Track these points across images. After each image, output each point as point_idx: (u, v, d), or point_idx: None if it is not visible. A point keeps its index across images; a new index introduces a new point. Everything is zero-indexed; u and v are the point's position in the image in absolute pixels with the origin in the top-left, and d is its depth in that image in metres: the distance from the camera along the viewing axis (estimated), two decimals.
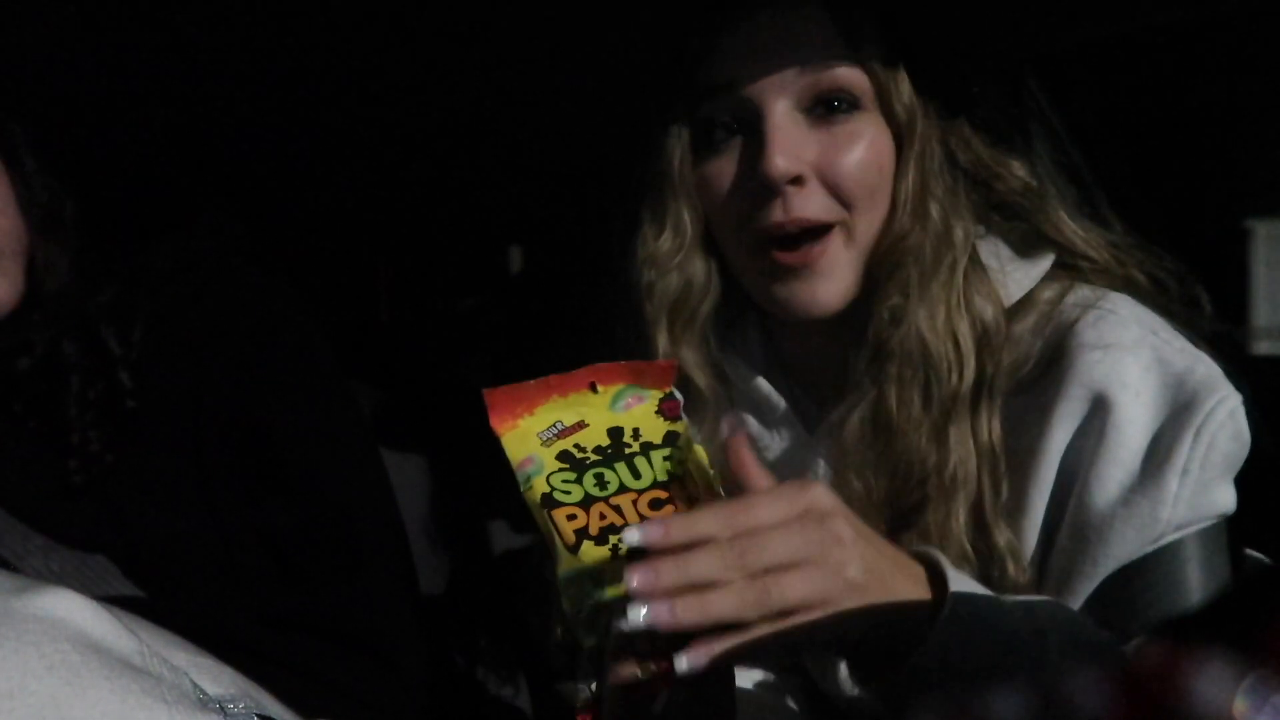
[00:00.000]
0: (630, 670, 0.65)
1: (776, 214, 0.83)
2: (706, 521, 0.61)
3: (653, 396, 0.77)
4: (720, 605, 0.59)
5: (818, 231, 0.84)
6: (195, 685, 0.75)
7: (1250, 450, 0.78)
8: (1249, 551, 0.84)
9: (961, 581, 0.66)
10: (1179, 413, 0.76)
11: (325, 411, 1.02)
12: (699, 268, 0.91)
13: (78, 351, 0.97)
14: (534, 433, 0.74)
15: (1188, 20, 0.92)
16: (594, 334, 0.92)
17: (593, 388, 0.76)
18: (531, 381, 0.74)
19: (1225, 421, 0.75)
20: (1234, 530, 0.81)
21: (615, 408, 0.76)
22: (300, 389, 1.01)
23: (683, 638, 0.62)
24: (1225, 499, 0.77)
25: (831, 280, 0.85)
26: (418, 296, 2.29)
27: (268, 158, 1.47)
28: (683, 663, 0.59)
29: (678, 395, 0.78)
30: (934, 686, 0.63)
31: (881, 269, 0.85)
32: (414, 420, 1.83)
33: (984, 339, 0.83)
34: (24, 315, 0.97)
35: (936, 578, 0.66)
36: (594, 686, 0.69)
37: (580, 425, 0.74)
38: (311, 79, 1.16)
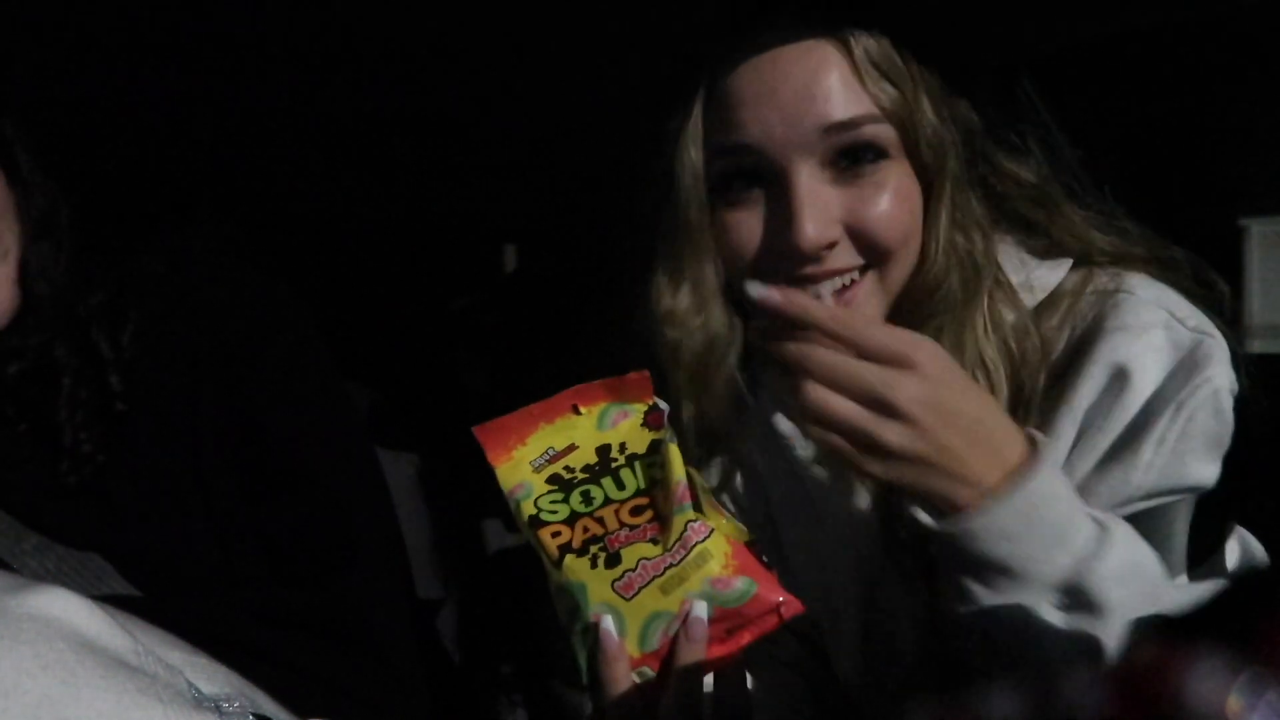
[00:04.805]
0: (625, 676, 0.65)
1: (809, 269, 0.81)
2: (819, 310, 0.70)
3: (637, 410, 0.77)
4: (792, 351, 0.69)
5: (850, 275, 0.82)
6: (190, 684, 0.75)
7: (1248, 446, 0.78)
8: (1243, 531, 0.85)
9: (1050, 468, 0.70)
10: (1168, 385, 0.78)
11: (320, 410, 1.02)
12: (721, 321, 0.88)
13: (69, 354, 0.97)
14: (527, 461, 0.75)
15: (1185, 20, 0.92)
16: (588, 334, 0.92)
17: (575, 410, 0.77)
18: (515, 413, 0.75)
19: (1208, 398, 0.76)
20: (1222, 521, 0.82)
21: (602, 426, 0.76)
22: (295, 388, 1.00)
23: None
24: (1201, 473, 0.78)
25: None
26: (412, 296, 2.29)
27: (263, 158, 1.47)
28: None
29: (662, 406, 0.78)
30: (986, 558, 0.69)
31: (915, 315, 0.84)
32: (408, 419, 1.83)
33: (1017, 359, 0.83)
34: (17, 320, 0.96)
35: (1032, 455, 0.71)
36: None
37: (571, 448, 0.75)
38: (307, 80, 1.16)
